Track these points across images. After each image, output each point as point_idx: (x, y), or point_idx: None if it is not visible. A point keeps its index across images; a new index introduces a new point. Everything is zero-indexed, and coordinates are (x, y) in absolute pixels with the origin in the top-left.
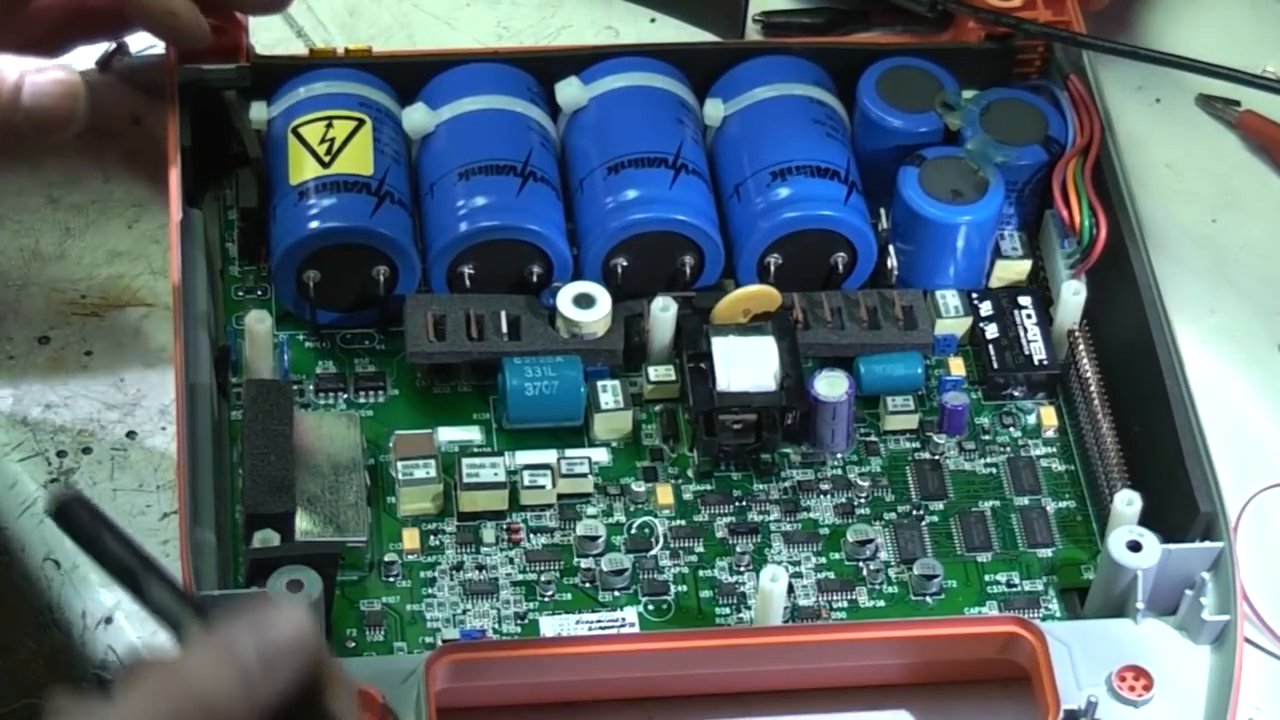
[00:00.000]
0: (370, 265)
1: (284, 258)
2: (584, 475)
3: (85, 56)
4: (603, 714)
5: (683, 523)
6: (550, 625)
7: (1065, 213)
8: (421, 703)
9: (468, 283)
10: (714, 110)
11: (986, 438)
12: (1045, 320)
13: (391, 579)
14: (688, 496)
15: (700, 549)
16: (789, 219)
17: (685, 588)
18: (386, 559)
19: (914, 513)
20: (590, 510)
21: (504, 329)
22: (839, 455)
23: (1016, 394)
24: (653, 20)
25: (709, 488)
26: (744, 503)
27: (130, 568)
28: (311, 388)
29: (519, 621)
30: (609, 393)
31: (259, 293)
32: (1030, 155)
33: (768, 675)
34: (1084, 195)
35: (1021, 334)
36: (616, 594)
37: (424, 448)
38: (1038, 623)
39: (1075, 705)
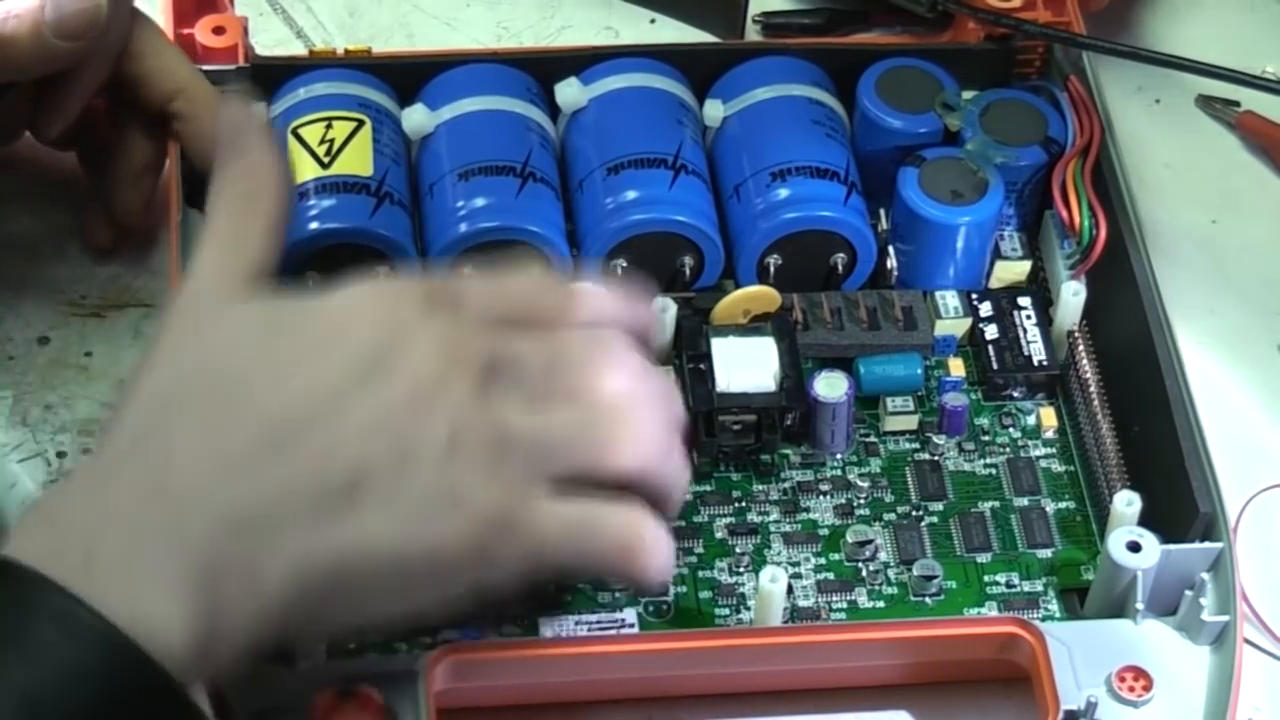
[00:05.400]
0: (370, 266)
1: (284, 259)
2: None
3: None
4: (603, 714)
5: (682, 523)
6: (550, 626)
7: (1065, 213)
8: (421, 703)
9: None
10: (714, 111)
11: (986, 438)
12: (1045, 321)
13: None
14: (687, 497)
15: (700, 550)
16: (789, 219)
17: (685, 588)
18: None
19: (913, 513)
20: None
21: None
22: (838, 456)
23: (1016, 395)
24: (652, 21)
25: (708, 488)
26: (743, 503)
27: None
28: None
29: (519, 622)
30: None
31: None
32: (1030, 156)
33: (768, 675)
34: (1084, 196)
35: (1021, 335)
36: (616, 594)
37: None
38: (1037, 623)
39: (1075, 706)
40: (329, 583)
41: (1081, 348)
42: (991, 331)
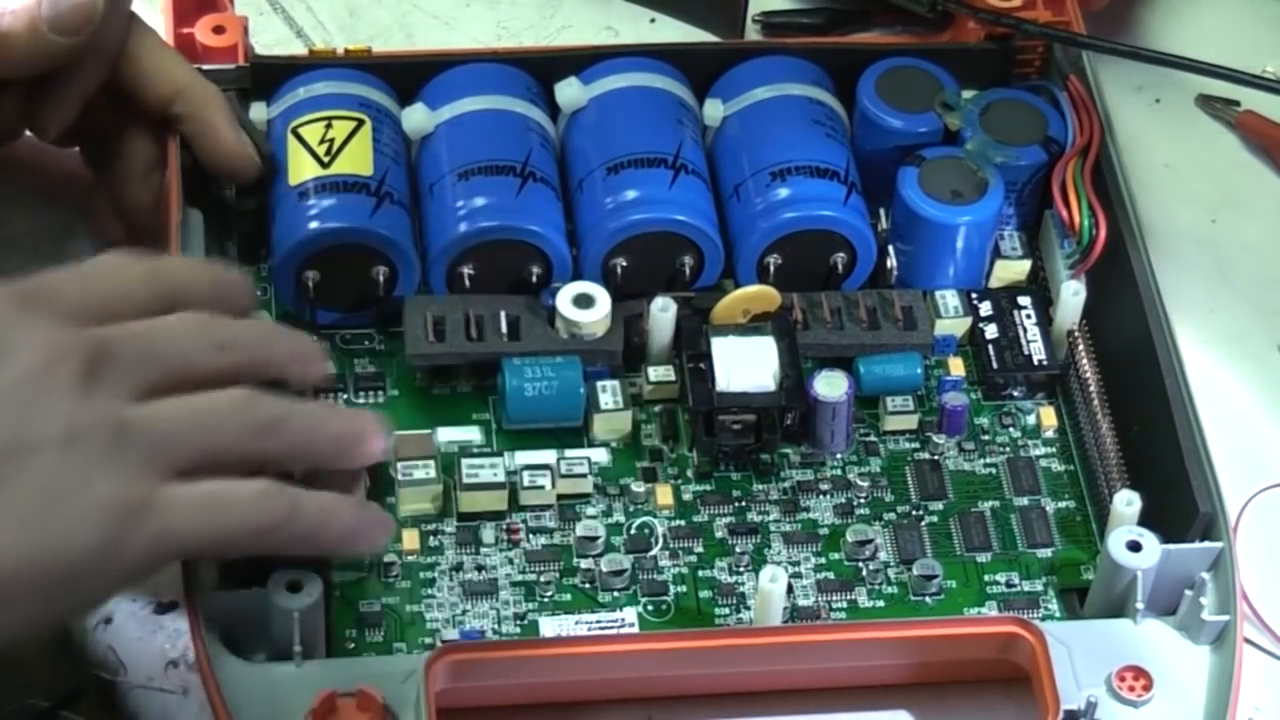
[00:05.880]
0: (370, 266)
1: (284, 258)
2: (583, 475)
3: None
4: (603, 714)
5: (682, 523)
6: (550, 626)
7: (1065, 213)
8: (421, 703)
9: (467, 283)
10: (714, 110)
11: (986, 438)
12: (1045, 320)
13: (391, 579)
14: (687, 497)
15: (700, 549)
16: (789, 219)
17: (685, 588)
18: (386, 559)
19: (913, 513)
20: (590, 510)
21: (503, 329)
22: (838, 455)
23: (1016, 394)
24: (652, 20)
25: (708, 488)
26: (743, 503)
27: None
28: (312, 388)
29: (518, 622)
30: (608, 393)
31: (259, 293)
32: (1030, 155)
33: (768, 675)
34: (1083, 195)
35: (1021, 334)
36: (616, 594)
37: (424, 448)
38: (1037, 623)
39: (1075, 705)
40: None
41: (1081, 347)
42: (991, 331)
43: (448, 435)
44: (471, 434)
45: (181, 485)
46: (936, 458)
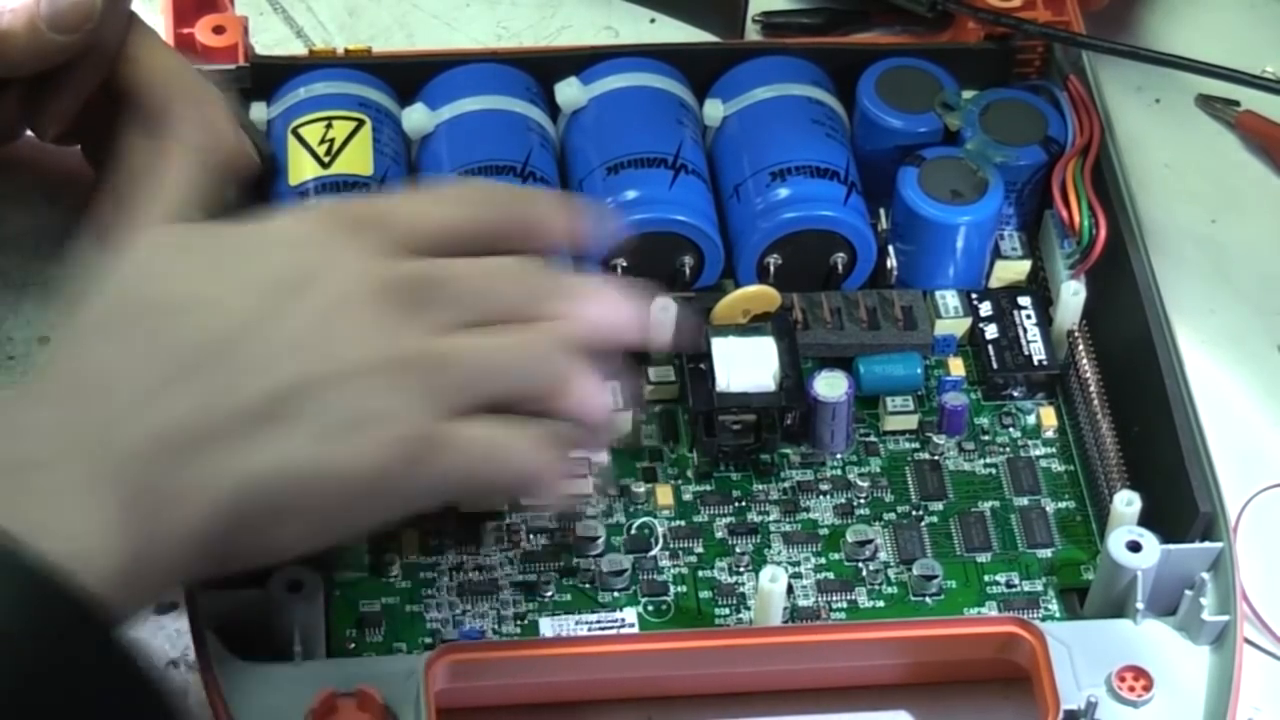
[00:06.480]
0: None
1: None
2: (583, 476)
3: None
4: (602, 714)
5: (682, 523)
6: (550, 626)
7: (1065, 213)
8: (421, 703)
9: None
10: (713, 110)
11: (986, 438)
12: (1045, 320)
13: (390, 579)
14: (687, 497)
15: (700, 549)
16: (789, 219)
17: (685, 588)
18: (386, 559)
19: (913, 513)
20: (590, 511)
21: None
22: (838, 456)
23: (1016, 394)
24: (652, 20)
25: (708, 488)
26: (743, 503)
27: None
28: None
29: (518, 622)
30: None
31: None
32: (1030, 155)
33: (768, 675)
34: (1083, 195)
35: (1021, 334)
36: (616, 594)
37: None
38: (1037, 623)
39: (1075, 705)
40: (251, 504)
41: (1081, 347)
42: (991, 331)
43: None
44: None
45: (468, 426)
46: (936, 458)
